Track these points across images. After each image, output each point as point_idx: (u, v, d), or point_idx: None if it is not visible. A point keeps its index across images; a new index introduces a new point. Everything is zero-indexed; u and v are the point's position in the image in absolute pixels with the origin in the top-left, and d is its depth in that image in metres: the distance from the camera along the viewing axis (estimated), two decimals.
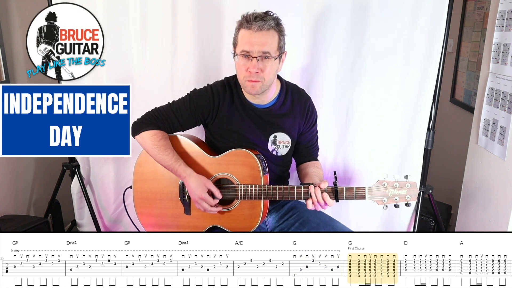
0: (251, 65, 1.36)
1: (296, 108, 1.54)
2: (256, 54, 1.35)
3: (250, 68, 1.36)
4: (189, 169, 1.45)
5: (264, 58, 1.36)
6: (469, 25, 2.57)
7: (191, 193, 1.45)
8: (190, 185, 1.44)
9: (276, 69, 1.43)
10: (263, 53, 1.35)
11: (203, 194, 1.42)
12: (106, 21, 1.83)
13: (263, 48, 1.35)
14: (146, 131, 1.47)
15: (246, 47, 1.36)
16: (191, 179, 1.44)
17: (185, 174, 1.45)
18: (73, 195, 2.16)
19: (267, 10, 1.40)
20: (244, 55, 1.37)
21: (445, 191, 2.64)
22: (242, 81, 1.42)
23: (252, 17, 1.35)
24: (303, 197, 1.39)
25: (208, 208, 1.44)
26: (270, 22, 1.35)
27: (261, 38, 1.34)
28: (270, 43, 1.36)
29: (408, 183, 1.33)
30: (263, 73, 1.37)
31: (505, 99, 1.59)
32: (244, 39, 1.36)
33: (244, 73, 1.39)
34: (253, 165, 1.44)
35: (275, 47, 1.38)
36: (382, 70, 1.84)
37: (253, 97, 1.49)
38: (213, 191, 1.44)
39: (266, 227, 1.59)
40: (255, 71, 1.36)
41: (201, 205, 1.45)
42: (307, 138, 1.60)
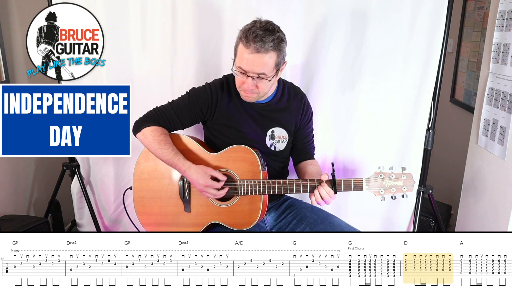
0: (246, 82, 1.39)
1: (293, 104, 1.57)
2: (251, 74, 1.36)
3: (245, 85, 1.39)
4: (188, 162, 1.46)
5: (259, 78, 1.37)
6: (469, 25, 2.57)
7: (194, 184, 1.46)
8: (191, 176, 1.45)
9: (272, 83, 1.46)
10: (258, 74, 1.36)
11: (207, 181, 1.43)
12: (106, 21, 1.84)
13: (258, 70, 1.35)
14: (146, 128, 1.49)
15: (242, 65, 1.36)
16: (191, 170, 1.45)
17: (184, 167, 1.45)
18: (73, 195, 2.16)
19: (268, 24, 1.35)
20: (239, 71, 1.38)
21: (445, 191, 2.64)
22: (238, 89, 1.46)
23: (252, 36, 1.31)
24: (302, 190, 1.41)
25: (217, 193, 1.44)
26: (269, 44, 1.31)
27: (257, 60, 1.33)
28: (266, 65, 1.34)
29: (404, 175, 1.36)
30: (257, 89, 1.41)
31: (505, 99, 1.59)
32: (242, 55, 1.35)
33: (240, 85, 1.43)
34: (252, 160, 1.45)
35: (271, 67, 1.37)
36: (381, 70, 1.83)
37: None
38: (215, 175, 1.45)
39: (265, 226, 1.59)
40: (251, 87, 1.39)
41: (208, 192, 1.45)
42: (304, 134, 1.63)
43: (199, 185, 1.44)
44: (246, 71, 1.36)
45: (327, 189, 1.36)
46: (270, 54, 1.33)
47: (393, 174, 1.36)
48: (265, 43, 1.31)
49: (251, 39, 1.30)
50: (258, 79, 1.38)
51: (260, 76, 1.36)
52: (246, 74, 1.37)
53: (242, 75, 1.38)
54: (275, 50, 1.34)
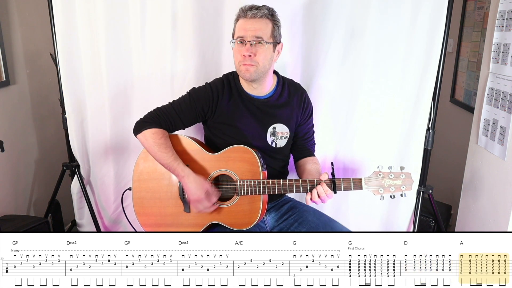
0: (244, 49, 1.43)
1: (293, 100, 1.58)
2: (250, 38, 1.43)
3: (244, 51, 1.43)
4: (187, 169, 1.46)
5: (257, 43, 1.43)
6: (469, 25, 2.57)
7: (189, 194, 1.46)
8: (188, 185, 1.45)
9: (271, 57, 1.48)
10: (256, 37, 1.42)
11: (201, 196, 1.44)
12: (106, 21, 1.84)
13: (255, 33, 1.42)
14: (148, 129, 1.49)
15: (240, 33, 1.44)
16: (190, 179, 1.45)
17: (183, 173, 1.46)
18: (73, 195, 2.16)
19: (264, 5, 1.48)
20: (239, 41, 1.44)
21: (445, 191, 2.64)
22: (237, 67, 1.48)
23: (248, 7, 1.45)
24: (302, 190, 1.42)
25: (203, 210, 1.46)
26: (264, 11, 1.44)
27: (254, 24, 1.43)
28: (263, 29, 1.44)
29: (403, 174, 1.37)
30: (256, 57, 1.44)
31: (505, 99, 1.59)
32: (240, 26, 1.45)
33: (239, 58, 1.45)
34: (252, 160, 1.45)
35: (268, 34, 1.45)
36: (382, 70, 1.84)
37: (251, 88, 1.53)
38: (210, 193, 1.46)
39: (266, 227, 1.59)
40: (248, 54, 1.42)
41: (197, 207, 1.47)
42: (304, 130, 1.64)
43: (192, 196, 1.45)
44: (244, 37, 1.43)
45: (325, 187, 1.37)
46: (266, 21, 1.44)
47: (392, 174, 1.37)
48: (260, 10, 1.44)
49: (248, 9, 1.44)
50: (256, 45, 1.43)
51: (259, 41, 1.43)
52: (244, 42, 1.43)
53: (240, 45, 1.44)
54: (270, 19, 1.46)
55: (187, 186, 1.45)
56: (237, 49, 1.45)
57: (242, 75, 1.48)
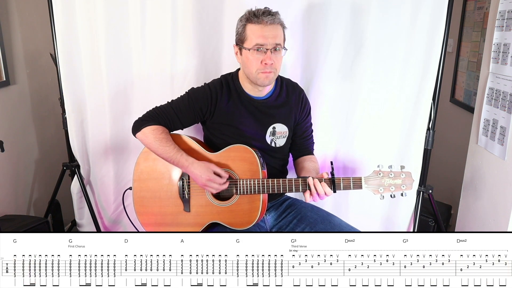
0: (266, 57, 1.42)
1: (292, 99, 1.59)
2: (270, 46, 1.41)
3: (266, 60, 1.42)
4: (191, 158, 1.47)
5: (275, 50, 1.43)
6: (469, 25, 2.57)
7: (197, 179, 1.45)
8: (194, 172, 1.45)
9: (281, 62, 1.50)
10: (276, 45, 1.42)
11: (210, 176, 1.43)
12: (106, 21, 1.84)
13: (275, 41, 1.42)
14: (147, 127, 1.49)
15: (259, 41, 1.41)
16: (194, 166, 1.45)
17: (187, 162, 1.46)
18: (73, 195, 2.16)
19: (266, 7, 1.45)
20: (257, 49, 1.41)
21: (445, 191, 2.64)
22: (254, 74, 1.46)
23: (261, 12, 1.41)
24: (301, 189, 1.41)
25: (220, 187, 1.45)
26: (278, 16, 1.44)
27: (272, 31, 1.41)
28: (280, 36, 1.44)
29: (403, 173, 1.37)
30: (275, 65, 1.44)
31: (505, 99, 1.59)
32: (256, 33, 1.41)
33: (257, 66, 1.43)
34: (252, 160, 1.45)
35: (283, 40, 1.46)
36: (382, 70, 1.83)
37: (255, 90, 1.53)
38: (218, 172, 1.45)
39: (265, 226, 1.59)
40: (271, 62, 1.42)
41: (210, 187, 1.45)
42: (303, 129, 1.65)
43: (201, 179, 1.44)
44: (264, 45, 1.41)
45: (324, 185, 1.37)
46: (279, 27, 1.44)
47: (392, 173, 1.36)
48: (275, 16, 1.42)
49: (262, 15, 1.40)
50: (274, 53, 1.43)
51: (277, 48, 1.43)
52: (264, 49, 1.41)
53: (259, 53, 1.42)
54: (281, 26, 1.46)
55: (194, 172, 1.45)
56: (256, 57, 1.42)
57: (260, 82, 1.47)
